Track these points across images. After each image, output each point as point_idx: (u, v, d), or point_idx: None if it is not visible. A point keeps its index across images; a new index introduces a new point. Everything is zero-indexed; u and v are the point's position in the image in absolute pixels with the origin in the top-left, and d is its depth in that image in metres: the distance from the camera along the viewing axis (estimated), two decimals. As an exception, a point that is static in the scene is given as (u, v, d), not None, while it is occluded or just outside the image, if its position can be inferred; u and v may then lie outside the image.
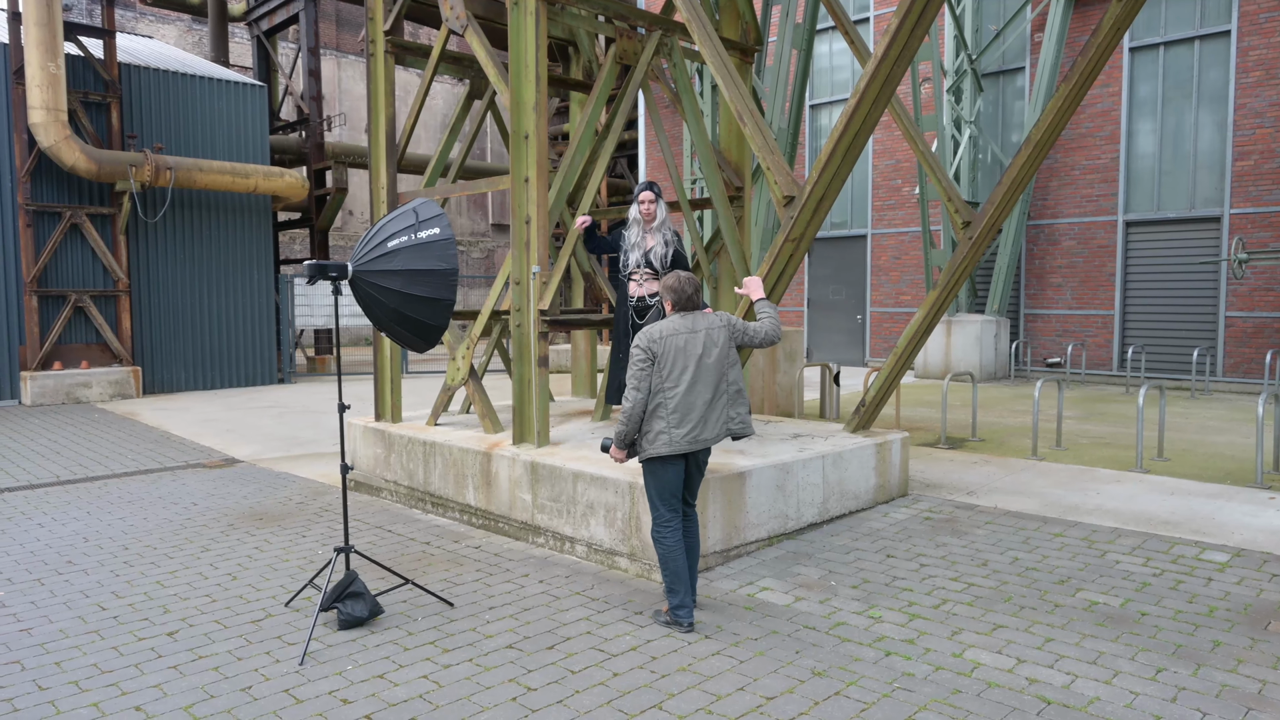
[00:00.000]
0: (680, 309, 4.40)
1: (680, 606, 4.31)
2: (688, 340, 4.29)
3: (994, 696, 3.61)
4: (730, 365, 4.41)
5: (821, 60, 18.55)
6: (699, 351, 4.29)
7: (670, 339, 4.29)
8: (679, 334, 4.30)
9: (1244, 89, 13.69)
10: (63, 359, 13.86)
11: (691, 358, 4.26)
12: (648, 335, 4.27)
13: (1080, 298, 15.54)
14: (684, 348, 4.27)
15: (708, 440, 4.33)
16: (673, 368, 4.25)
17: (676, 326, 4.33)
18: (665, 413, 4.24)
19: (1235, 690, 3.64)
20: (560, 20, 6.70)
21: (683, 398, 4.24)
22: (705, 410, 4.30)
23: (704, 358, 4.30)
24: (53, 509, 6.91)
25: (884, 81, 4.47)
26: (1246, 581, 4.96)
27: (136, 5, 27.25)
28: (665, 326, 4.31)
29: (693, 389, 4.26)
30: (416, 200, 4.65)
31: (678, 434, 4.24)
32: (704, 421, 4.31)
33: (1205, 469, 7.95)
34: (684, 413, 4.24)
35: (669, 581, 4.34)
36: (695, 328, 4.34)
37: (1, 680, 3.86)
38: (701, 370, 4.28)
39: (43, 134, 12.70)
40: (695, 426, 4.26)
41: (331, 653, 4.10)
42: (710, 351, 4.33)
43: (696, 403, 4.26)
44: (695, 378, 4.26)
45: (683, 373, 4.24)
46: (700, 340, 4.31)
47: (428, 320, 4.52)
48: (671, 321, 4.35)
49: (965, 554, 5.51)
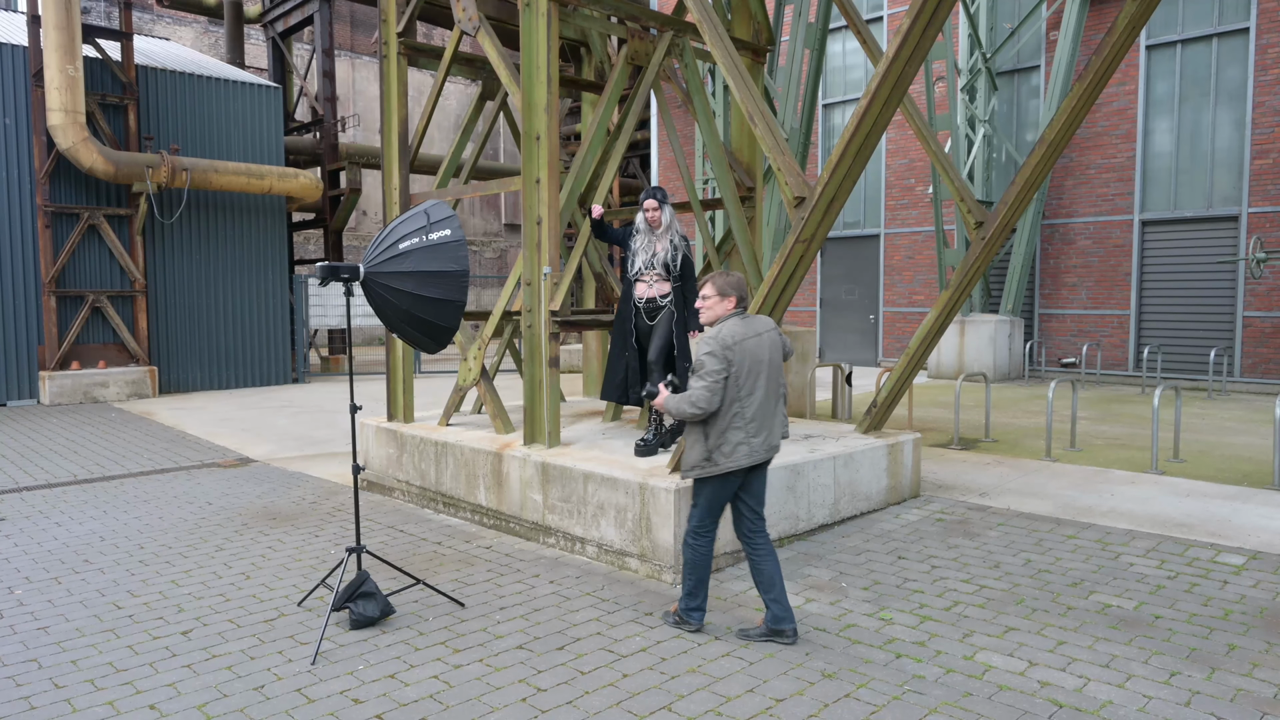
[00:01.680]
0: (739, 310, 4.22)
1: (695, 609, 4.27)
2: (756, 345, 4.13)
3: (1005, 699, 3.59)
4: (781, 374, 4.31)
5: (834, 59, 18.49)
6: (765, 356, 4.15)
7: (743, 344, 4.09)
8: (748, 338, 4.11)
9: (1262, 87, 13.55)
10: (80, 359, 13.99)
11: (761, 363, 4.12)
12: (721, 342, 4.04)
13: (1095, 297, 15.43)
14: (754, 353, 4.10)
15: (776, 447, 4.24)
16: (748, 375, 4.08)
17: (743, 330, 4.13)
18: (743, 422, 4.07)
19: (1250, 695, 3.61)
20: (572, 21, 6.72)
21: (759, 405, 4.10)
22: (773, 414, 4.20)
23: (770, 362, 4.17)
24: (70, 508, 6.98)
25: (895, 81, 4.46)
26: (1263, 585, 4.91)
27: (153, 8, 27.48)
28: (734, 331, 4.10)
29: (766, 395, 4.13)
30: (428, 202, 4.67)
31: (756, 443, 4.10)
32: (773, 427, 4.21)
33: (1222, 471, 7.88)
34: (761, 420, 4.11)
35: (691, 585, 4.27)
36: (759, 330, 4.19)
37: (19, 678, 3.90)
38: (769, 374, 4.16)
39: (61, 136, 12.83)
40: (769, 433, 4.16)
41: (343, 652, 4.12)
42: (774, 355, 4.21)
43: (768, 408, 4.15)
44: (765, 383, 4.13)
45: (757, 379, 4.09)
46: (765, 344, 4.17)
47: (439, 321, 4.53)
48: (735, 326, 4.13)
49: (977, 556, 5.48)
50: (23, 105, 13.47)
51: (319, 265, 4.28)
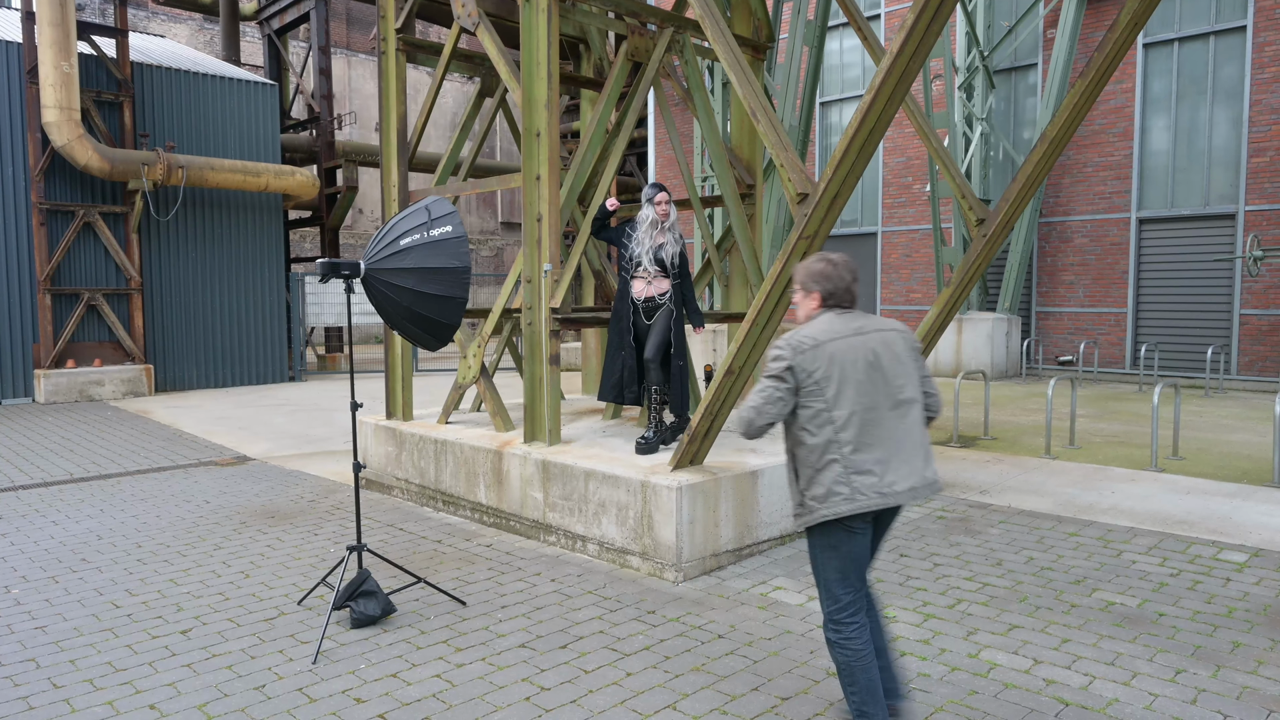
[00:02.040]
0: (834, 306, 3.09)
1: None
2: (853, 347, 2.98)
3: (1011, 698, 3.58)
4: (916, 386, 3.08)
5: (832, 57, 18.47)
6: (872, 361, 2.98)
7: (825, 347, 2.96)
8: (840, 338, 2.99)
9: (1260, 85, 13.57)
10: (76, 357, 13.93)
11: (862, 370, 2.96)
12: (791, 344, 2.97)
13: (1093, 295, 15.44)
14: (848, 357, 2.96)
15: (911, 491, 2.97)
16: (841, 388, 2.93)
17: (835, 328, 3.01)
18: (840, 452, 2.91)
19: (1256, 692, 3.60)
20: (571, 17, 6.68)
21: (862, 428, 2.93)
22: (897, 442, 2.97)
23: (883, 368, 2.99)
24: (66, 506, 6.94)
25: (899, 78, 4.43)
26: (1265, 582, 4.91)
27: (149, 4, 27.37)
28: (818, 330, 3.00)
29: (874, 415, 2.95)
30: (429, 198, 4.64)
31: (865, 484, 2.91)
32: (896, 459, 2.96)
33: (1221, 468, 7.88)
34: (870, 448, 2.93)
35: (858, 703, 2.99)
36: (861, 328, 3.04)
37: (17, 678, 3.87)
38: (880, 387, 2.97)
39: (56, 133, 12.76)
40: (887, 468, 2.94)
41: (345, 651, 4.09)
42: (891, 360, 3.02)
43: (883, 433, 2.95)
44: (873, 398, 2.95)
45: (858, 393, 2.94)
46: (871, 345, 3.01)
47: (440, 318, 4.51)
48: (822, 324, 3.04)
49: (979, 553, 5.47)
50: (17, 102, 13.40)
51: (319, 262, 4.25)
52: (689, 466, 5.37)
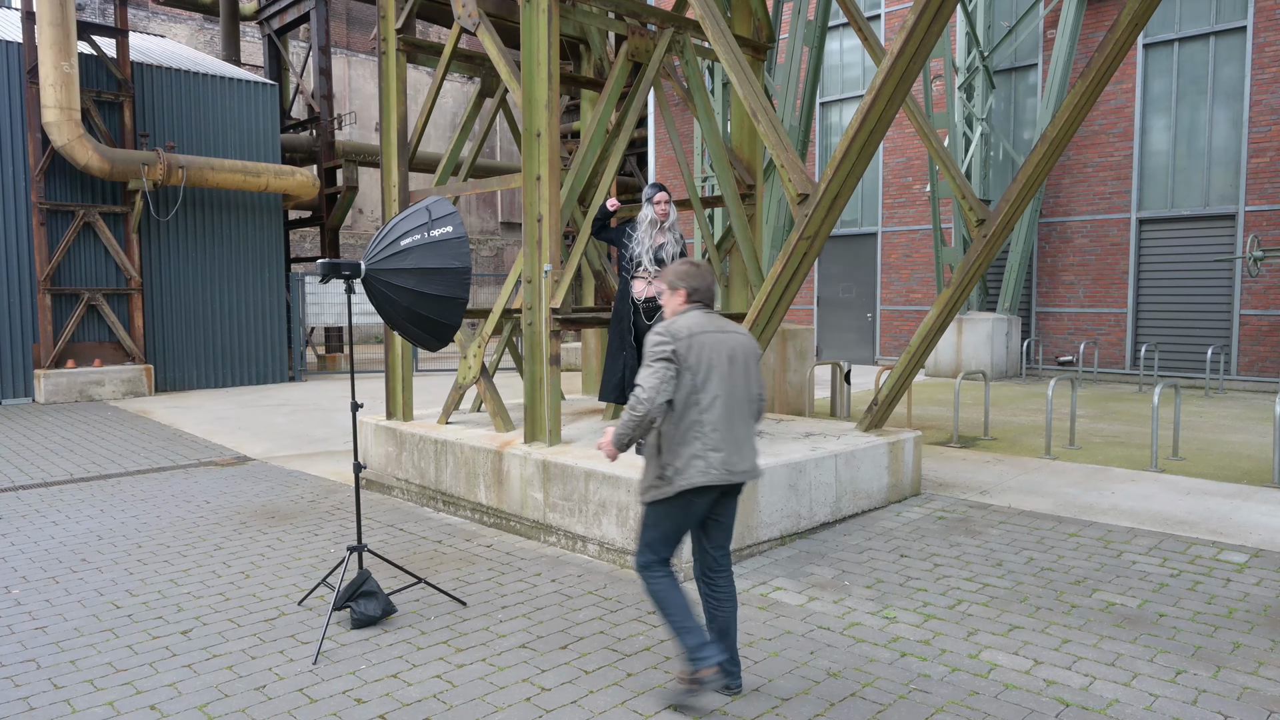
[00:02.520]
0: (697, 302, 3.53)
1: (700, 646, 3.39)
2: (717, 342, 3.42)
3: (1012, 698, 3.58)
4: (757, 384, 3.56)
5: (831, 57, 18.47)
6: (729, 358, 3.43)
7: (698, 338, 3.39)
8: (707, 332, 3.42)
9: (1260, 85, 13.57)
10: (76, 357, 13.93)
11: (723, 364, 3.41)
12: (671, 332, 3.37)
13: (1093, 296, 15.44)
14: (713, 350, 3.40)
15: (746, 471, 3.47)
16: (706, 376, 3.36)
17: (704, 324, 3.44)
18: (701, 432, 3.35)
19: (1257, 693, 3.60)
20: (572, 18, 6.68)
21: (722, 415, 3.38)
22: (740, 431, 3.44)
23: (738, 366, 3.46)
24: (66, 506, 6.94)
25: (900, 78, 4.44)
26: (1266, 582, 4.91)
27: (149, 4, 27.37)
28: (691, 322, 3.42)
29: (730, 405, 3.41)
30: (429, 199, 4.64)
31: (716, 459, 3.36)
32: (740, 446, 3.44)
33: (1221, 468, 7.88)
34: (724, 433, 3.37)
35: (676, 624, 3.41)
36: (724, 327, 3.50)
37: (17, 678, 3.87)
38: (735, 381, 3.44)
39: (56, 133, 12.76)
40: (732, 452, 3.41)
41: (345, 652, 4.09)
42: (747, 361, 3.50)
43: (734, 421, 3.42)
44: (729, 389, 3.41)
45: (718, 383, 3.38)
46: (731, 344, 3.46)
47: (441, 319, 4.51)
48: (694, 317, 3.46)
49: (979, 554, 5.47)
50: (17, 102, 13.40)
51: (320, 262, 4.25)
52: (689, 467, 5.36)
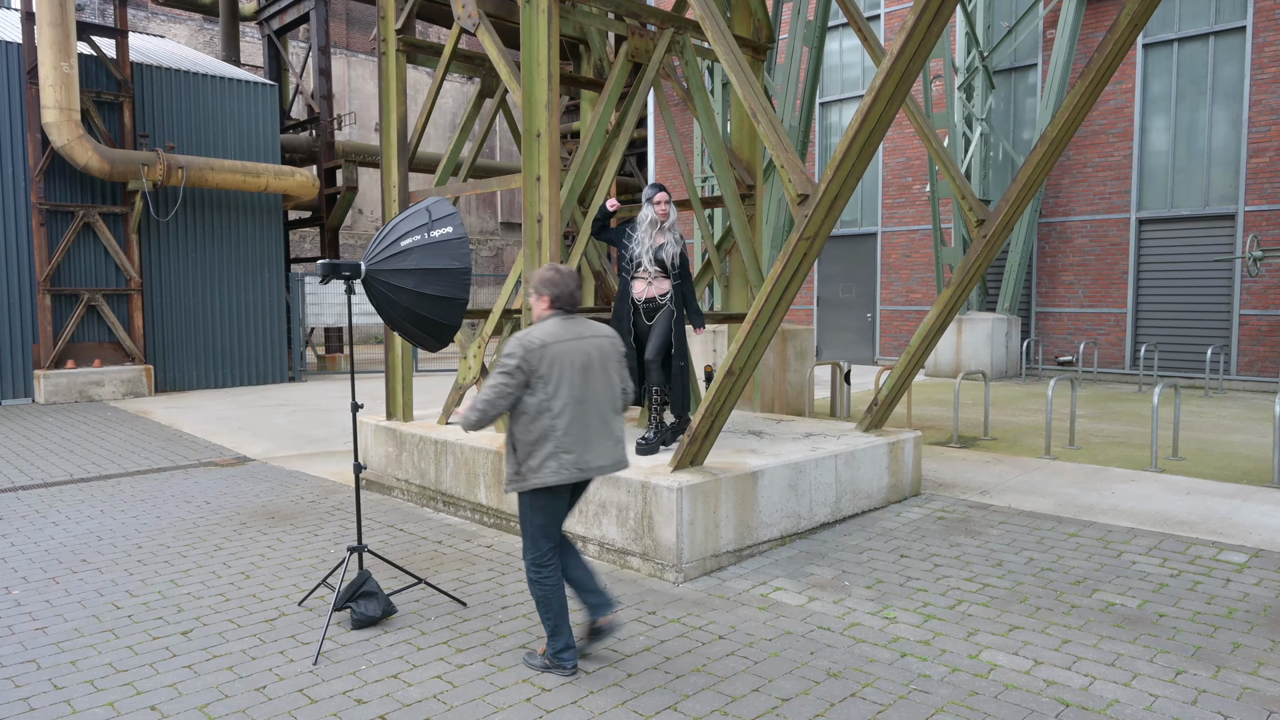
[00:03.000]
0: (560, 308, 3.79)
1: (564, 650, 3.81)
2: (573, 349, 3.70)
3: (1011, 699, 3.58)
4: (616, 385, 3.84)
5: (831, 57, 18.48)
6: (585, 363, 3.72)
7: (553, 347, 3.66)
8: (563, 341, 3.69)
9: (1259, 85, 13.57)
10: (76, 357, 13.93)
11: (577, 369, 3.69)
12: (523, 343, 3.63)
13: (1092, 296, 15.44)
14: (568, 357, 3.68)
15: (604, 467, 3.80)
16: (559, 382, 3.65)
17: (560, 332, 3.71)
18: (555, 435, 3.65)
19: (1256, 693, 3.61)
20: (572, 18, 6.69)
21: (573, 418, 3.67)
22: (595, 432, 3.75)
23: (595, 370, 3.75)
24: (66, 507, 6.94)
25: (900, 78, 4.43)
26: (1265, 582, 4.91)
27: (148, 5, 27.37)
28: (546, 332, 3.70)
29: (584, 408, 3.70)
30: (429, 199, 4.64)
31: (567, 460, 3.68)
32: (592, 446, 3.75)
33: (1221, 468, 7.88)
34: (576, 435, 3.69)
35: (551, 625, 3.81)
36: (582, 333, 3.76)
37: (18, 679, 3.87)
38: (590, 384, 3.73)
39: (56, 134, 12.75)
40: (584, 451, 3.72)
41: (345, 652, 4.09)
42: (604, 364, 3.79)
43: (587, 423, 3.72)
44: (583, 393, 3.70)
45: (571, 388, 3.67)
46: (588, 350, 3.74)
47: (441, 319, 4.51)
48: (550, 326, 3.73)
49: (979, 554, 5.47)
50: (17, 103, 13.39)
51: (320, 263, 4.25)
52: (689, 467, 5.37)
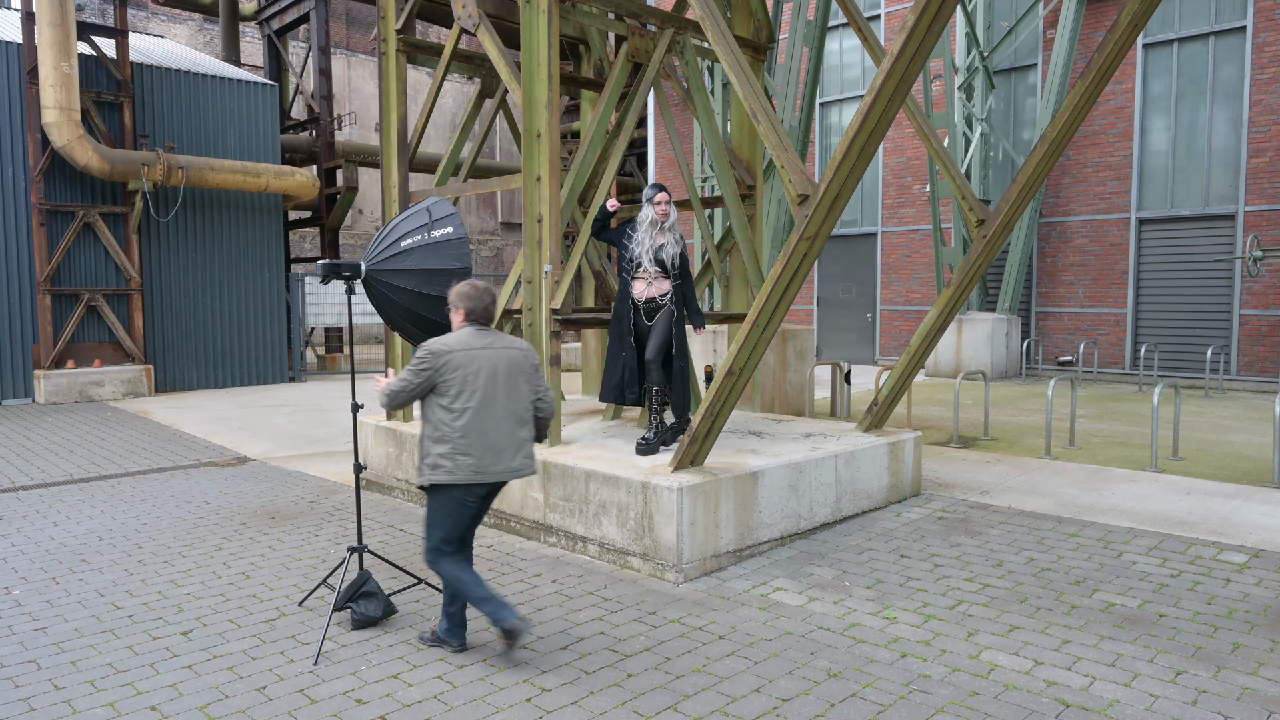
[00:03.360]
0: (474, 321, 3.96)
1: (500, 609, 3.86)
2: (480, 357, 3.87)
3: (1012, 699, 3.58)
4: (525, 394, 3.98)
5: (831, 57, 18.48)
6: (491, 371, 3.87)
7: (460, 353, 3.84)
8: (471, 349, 3.87)
9: (1259, 85, 13.57)
10: (76, 357, 13.93)
11: (481, 376, 3.84)
12: (431, 349, 3.84)
13: (1092, 296, 15.44)
14: (474, 364, 3.85)
15: (504, 472, 3.90)
16: (461, 386, 3.81)
17: (469, 340, 3.89)
18: (452, 436, 3.80)
19: (1257, 693, 3.61)
20: (572, 18, 6.69)
21: (472, 422, 3.81)
22: (496, 438, 3.87)
23: (501, 379, 3.90)
24: (67, 507, 6.94)
25: (900, 79, 4.43)
26: (1265, 583, 4.91)
27: (148, 5, 27.37)
28: (457, 339, 3.88)
29: (484, 413, 3.84)
30: (429, 199, 4.64)
31: (464, 462, 3.81)
32: (491, 451, 3.86)
33: (1221, 468, 7.88)
34: (475, 439, 3.82)
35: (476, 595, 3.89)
36: (491, 343, 3.93)
37: (18, 679, 3.87)
38: (493, 392, 3.87)
39: (56, 134, 12.75)
40: (482, 456, 3.84)
41: (346, 653, 4.09)
42: (509, 374, 3.93)
43: (487, 428, 3.85)
44: (484, 399, 3.84)
45: (474, 394, 3.82)
46: (495, 358, 3.90)
47: (441, 319, 4.51)
48: (462, 334, 3.91)
49: (980, 554, 5.47)
50: (17, 103, 13.39)
51: (320, 263, 4.25)
52: (689, 468, 5.37)
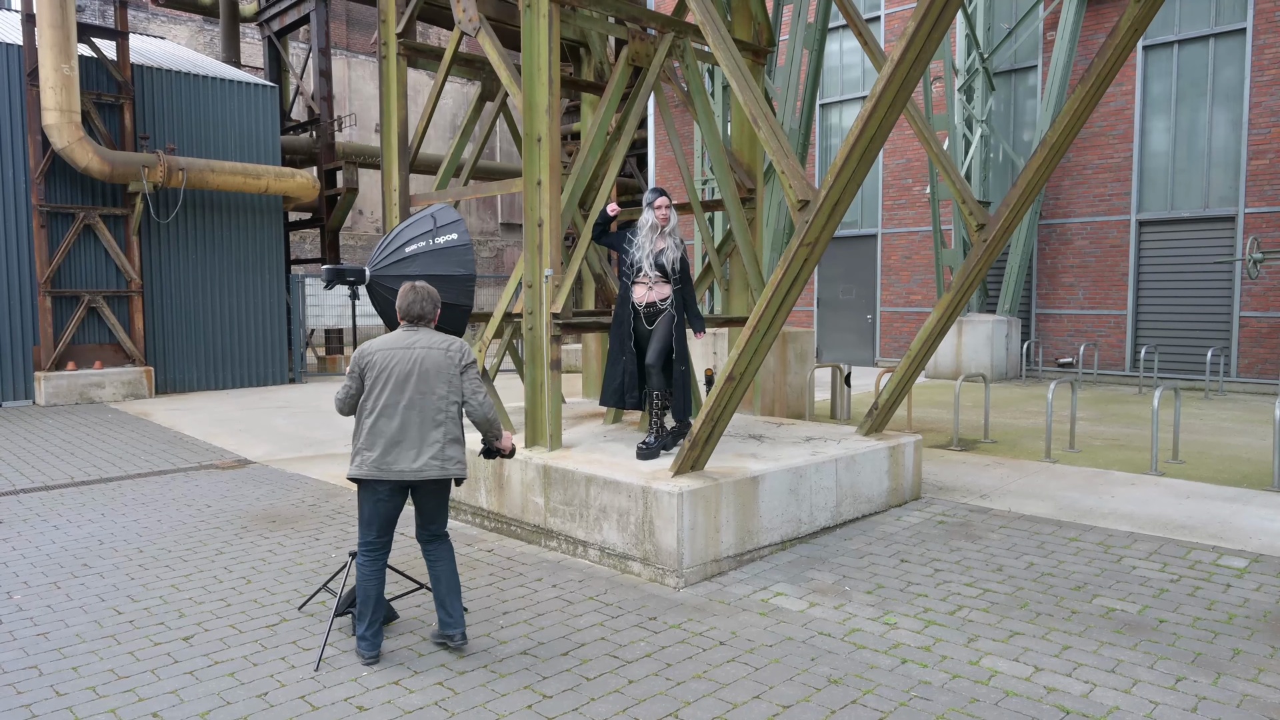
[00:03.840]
0: (406, 319, 4.05)
1: (362, 637, 4.00)
2: (398, 358, 3.94)
3: (1012, 706, 3.59)
4: (442, 395, 3.98)
5: (831, 58, 18.48)
6: (404, 370, 3.93)
7: (379, 354, 3.95)
8: (393, 349, 3.95)
9: (1259, 87, 13.58)
10: (76, 359, 13.93)
11: (391, 376, 3.92)
12: (360, 350, 3.98)
13: (1092, 297, 15.45)
14: (388, 365, 3.93)
15: (405, 472, 3.93)
16: (374, 386, 3.93)
17: (393, 341, 3.98)
18: (365, 434, 3.94)
19: (1257, 700, 3.61)
20: (572, 22, 6.69)
21: (380, 419, 3.91)
22: (406, 436, 3.92)
23: (413, 378, 3.94)
24: (68, 510, 6.95)
25: (900, 85, 4.44)
26: (1265, 588, 4.92)
27: (149, 6, 27.36)
28: (382, 341, 3.99)
29: (391, 411, 3.91)
30: (434, 206, 4.65)
31: (371, 457, 3.91)
32: (403, 449, 3.92)
33: (1221, 472, 7.89)
34: (384, 437, 3.90)
35: (358, 609, 4.04)
36: (413, 343, 3.99)
37: (20, 685, 3.87)
38: (404, 389, 3.93)
39: (56, 135, 12.76)
40: (390, 453, 3.91)
41: (346, 659, 4.10)
42: (424, 373, 3.95)
43: (396, 426, 3.91)
44: (394, 397, 3.92)
45: (385, 393, 3.91)
46: (411, 359, 3.95)
47: (445, 325, 4.51)
48: (391, 335, 4.01)
49: (980, 559, 5.48)
50: (17, 105, 13.40)
51: (324, 268, 4.27)
52: (690, 472, 5.38)
